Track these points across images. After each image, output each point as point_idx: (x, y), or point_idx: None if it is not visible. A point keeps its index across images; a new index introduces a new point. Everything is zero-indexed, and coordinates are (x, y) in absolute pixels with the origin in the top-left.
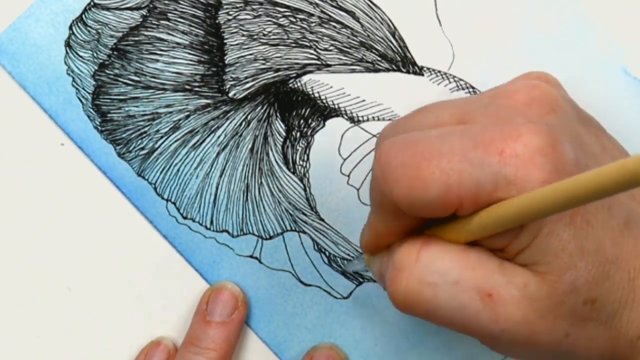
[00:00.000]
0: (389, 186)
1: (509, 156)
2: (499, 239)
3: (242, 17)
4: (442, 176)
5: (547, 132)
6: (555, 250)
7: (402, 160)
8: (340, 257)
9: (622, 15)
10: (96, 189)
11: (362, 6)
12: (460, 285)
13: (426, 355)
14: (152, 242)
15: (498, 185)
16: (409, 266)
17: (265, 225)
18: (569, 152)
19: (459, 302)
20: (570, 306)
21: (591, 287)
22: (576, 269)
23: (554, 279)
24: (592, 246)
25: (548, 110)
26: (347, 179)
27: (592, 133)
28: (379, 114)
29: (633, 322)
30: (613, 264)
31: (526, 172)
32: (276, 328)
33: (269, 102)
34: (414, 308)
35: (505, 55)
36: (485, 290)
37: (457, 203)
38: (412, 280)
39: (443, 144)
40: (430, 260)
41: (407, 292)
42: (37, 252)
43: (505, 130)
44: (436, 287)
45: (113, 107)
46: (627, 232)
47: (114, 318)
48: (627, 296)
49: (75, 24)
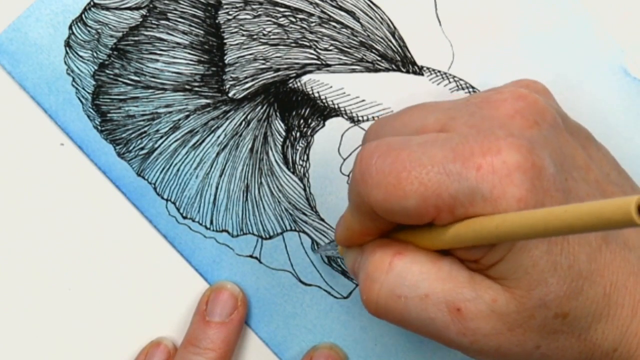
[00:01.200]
0: (367, 190)
1: (486, 172)
2: (472, 252)
3: (242, 17)
4: (420, 187)
5: (527, 148)
6: (526, 267)
7: (382, 167)
8: (340, 257)
9: (622, 15)
10: (96, 189)
11: (362, 6)
12: (429, 298)
13: (426, 355)
14: (152, 242)
15: (474, 201)
16: (380, 277)
17: (265, 225)
18: (549, 167)
19: (427, 315)
20: (540, 320)
21: (562, 302)
22: (546, 284)
23: (522, 294)
24: (566, 262)
25: (532, 123)
26: (347, 178)
27: (579, 144)
28: (379, 114)
29: (609, 335)
30: (587, 279)
31: (502, 189)
32: (276, 328)
33: (268, 102)
34: (386, 317)
35: (505, 55)
36: (453, 304)
37: (434, 214)
38: (384, 292)
39: (424, 153)
40: (401, 271)
41: (378, 303)
42: (37, 252)
43: (484, 144)
44: (406, 300)
45: (113, 107)
46: (604, 247)
47: (114, 318)
48: (602, 310)
49: (75, 24)
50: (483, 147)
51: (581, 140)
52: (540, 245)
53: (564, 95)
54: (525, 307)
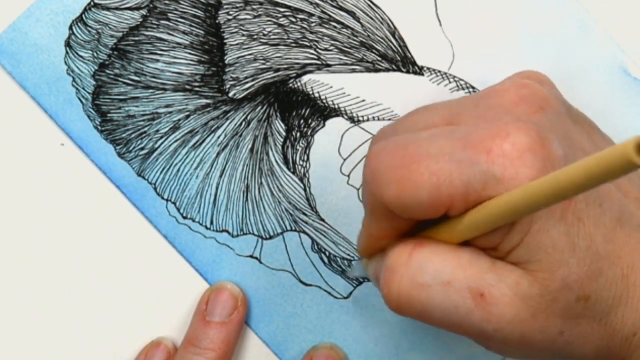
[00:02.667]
0: (379, 188)
1: (496, 155)
2: (490, 238)
3: (242, 17)
4: (432, 177)
5: (536, 130)
6: (546, 248)
7: (392, 162)
8: (340, 257)
9: (622, 15)
10: (96, 189)
11: (362, 6)
12: (452, 285)
13: (426, 355)
14: (152, 242)
15: (487, 184)
16: (401, 268)
17: (265, 225)
18: (557, 149)
19: (451, 302)
20: (562, 303)
21: (584, 284)
22: (568, 265)
23: (545, 277)
24: (584, 243)
25: (537, 108)
26: (347, 179)
27: (583, 131)
28: (379, 114)
29: (628, 319)
30: (606, 260)
31: (514, 170)
32: (276, 328)
33: (268, 102)
34: (408, 309)
35: (505, 55)
36: (477, 289)
37: (448, 203)
38: (405, 281)
39: (432, 145)
40: (422, 261)
41: (400, 294)
42: (37, 252)
43: (493, 130)
44: (428, 288)
45: (113, 107)
46: (619, 229)
47: (114, 318)
48: (621, 293)
49: (75, 24)
50: (492, 132)
51: (585, 128)
52: (558, 226)
53: (564, 95)
54: (548, 290)
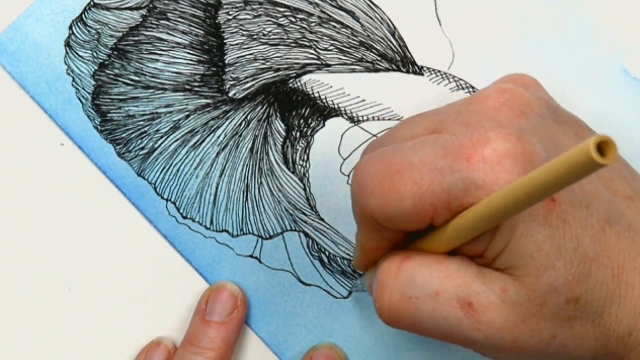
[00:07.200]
0: (365, 199)
1: (477, 162)
2: (475, 245)
3: (242, 17)
4: (414, 187)
5: (516, 136)
6: (531, 252)
7: (376, 173)
8: (340, 257)
9: (622, 15)
10: (96, 189)
11: (362, 6)
12: (440, 296)
13: (426, 355)
14: (152, 242)
15: (468, 191)
16: (391, 281)
17: (265, 225)
18: (540, 152)
19: (440, 313)
20: (552, 307)
21: (572, 287)
22: (554, 269)
23: (532, 281)
24: (571, 245)
25: (518, 113)
26: (347, 179)
27: (571, 132)
28: (379, 114)
29: (623, 319)
30: (595, 261)
31: (495, 176)
32: (276, 328)
33: (269, 102)
34: (400, 323)
35: (505, 55)
36: (465, 299)
37: (432, 212)
38: (395, 295)
39: (415, 155)
40: (410, 274)
41: (391, 308)
42: (37, 252)
43: (474, 137)
44: (417, 301)
45: (113, 107)
46: (608, 229)
47: (114, 318)
48: (613, 293)
49: (75, 24)
50: (472, 140)
51: (574, 128)
52: (542, 230)
53: (564, 95)
54: (536, 295)
